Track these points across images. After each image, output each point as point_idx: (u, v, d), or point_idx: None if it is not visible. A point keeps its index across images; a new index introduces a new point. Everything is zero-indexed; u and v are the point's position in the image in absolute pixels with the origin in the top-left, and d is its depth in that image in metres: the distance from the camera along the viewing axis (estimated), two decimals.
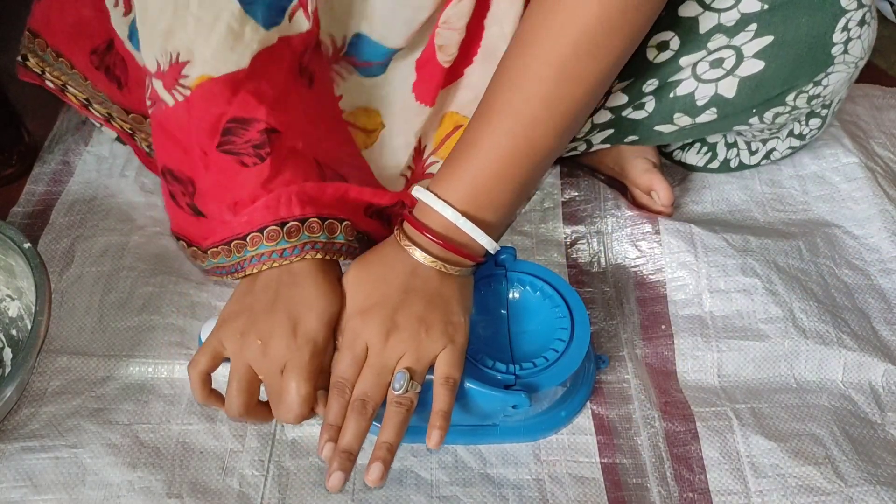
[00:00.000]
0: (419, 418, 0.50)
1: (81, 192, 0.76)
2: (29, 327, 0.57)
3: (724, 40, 0.60)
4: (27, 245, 0.59)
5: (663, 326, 0.65)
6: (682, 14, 0.60)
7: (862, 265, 0.70)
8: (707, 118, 0.66)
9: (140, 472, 0.56)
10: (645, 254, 0.70)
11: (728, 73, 0.62)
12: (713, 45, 0.61)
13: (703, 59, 0.62)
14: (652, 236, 0.70)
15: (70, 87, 0.69)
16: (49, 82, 0.70)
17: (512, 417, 0.56)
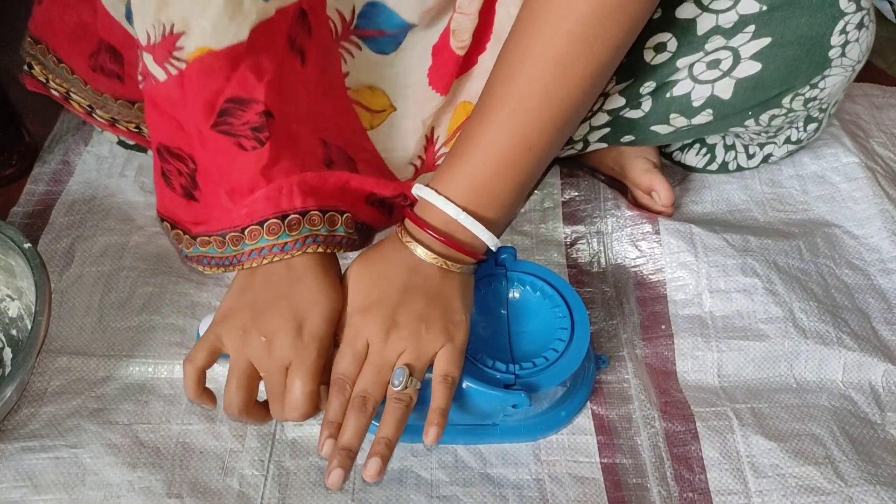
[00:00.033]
0: (418, 416, 0.50)
1: (81, 191, 0.76)
2: (29, 327, 0.57)
3: (721, 41, 0.60)
4: (27, 245, 0.59)
5: (663, 326, 0.65)
6: (680, 16, 0.60)
7: (862, 265, 0.70)
8: (703, 119, 0.65)
9: (140, 472, 0.56)
10: (645, 254, 0.70)
11: (724, 75, 0.62)
12: (710, 47, 0.61)
13: (699, 60, 0.62)
14: (652, 236, 0.70)
15: (73, 95, 0.69)
16: (54, 90, 0.70)
17: (512, 417, 0.56)
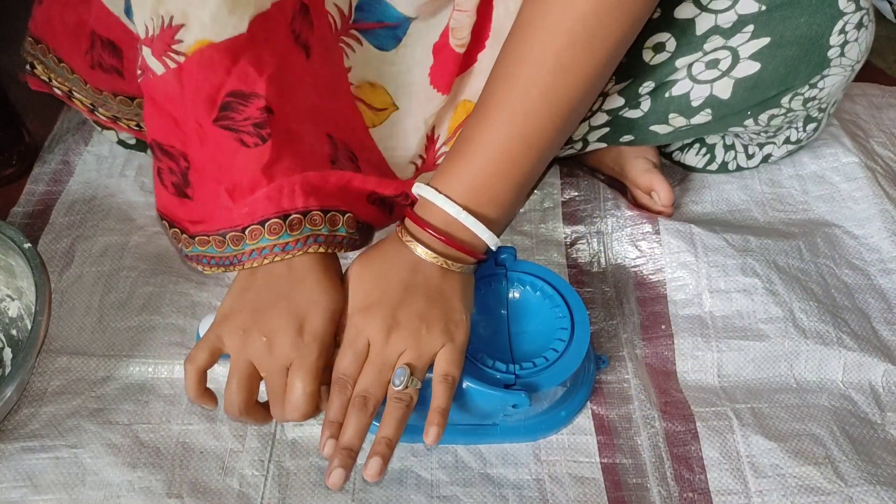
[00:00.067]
0: (419, 416, 0.50)
1: (81, 191, 0.76)
2: (29, 327, 0.57)
3: (720, 41, 0.60)
4: (27, 245, 0.59)
5: (663, 326, 0.65)
6: (679, 15, 0.60)
7: (862, 265, 0.70)
8: (702, 119, 0.65)
9: (140, 472, 0.56)
10: (645, 254, 0.70)
11: (723, 74, 0.62)
12: (709, 47, 0.61)
13: (698, 60, 0.62)
14: (652, 236, 0.70)
15: (75, 93, 0.69)
16: (57, 89, 0.69)
17: (512, 417, 0.56)
